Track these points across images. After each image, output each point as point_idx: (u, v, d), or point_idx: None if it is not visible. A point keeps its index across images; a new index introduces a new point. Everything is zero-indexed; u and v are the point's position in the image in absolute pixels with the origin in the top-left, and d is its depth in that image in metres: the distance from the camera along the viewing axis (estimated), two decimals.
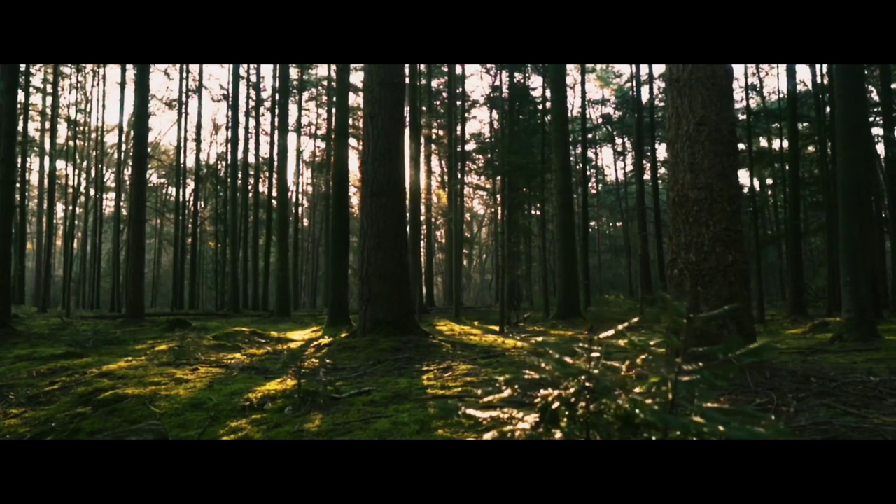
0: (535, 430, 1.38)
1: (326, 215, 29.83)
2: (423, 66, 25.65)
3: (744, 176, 28.37)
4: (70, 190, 29.47)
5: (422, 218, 29.07)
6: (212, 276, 29.97)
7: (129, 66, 23.12)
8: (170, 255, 33.26)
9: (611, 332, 1.54)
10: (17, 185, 25.56)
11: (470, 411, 1.74)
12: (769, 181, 27.71)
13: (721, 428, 1.15)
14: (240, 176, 29.35)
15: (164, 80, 29.37)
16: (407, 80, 24.45)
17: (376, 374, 5.03)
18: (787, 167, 16.86)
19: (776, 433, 1.22)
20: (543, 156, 19.01)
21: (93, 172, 29.44)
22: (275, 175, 25.61)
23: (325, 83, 30.73)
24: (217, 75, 47.45)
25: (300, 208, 38.85)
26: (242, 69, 27.31)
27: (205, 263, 32.27)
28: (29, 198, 34.36)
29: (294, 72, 31.37)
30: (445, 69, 25.31)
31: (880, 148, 18.39)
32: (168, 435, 3.24)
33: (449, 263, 27.11)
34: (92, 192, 29.36)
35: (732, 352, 1.41)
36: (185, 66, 27.29)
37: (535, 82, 24.66)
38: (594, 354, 1.63)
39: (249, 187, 28.87)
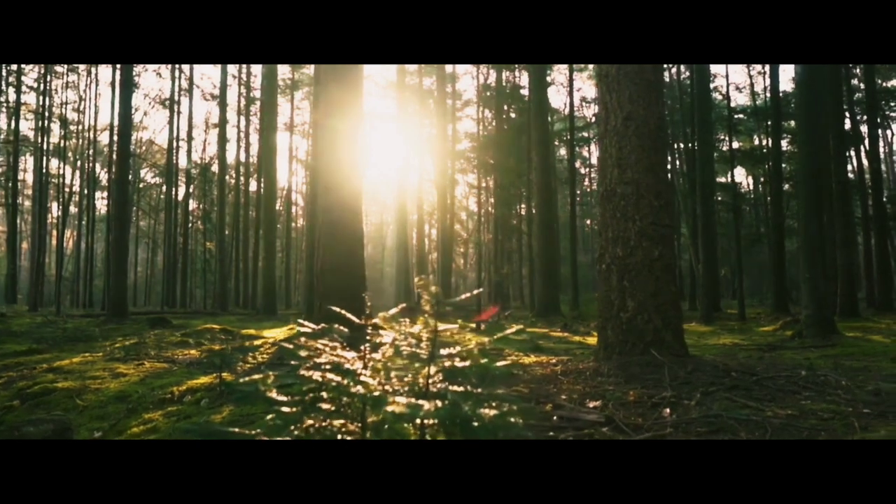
0: (294, 417, 1.42)
1: None
2: (413, 66, 25.67)
3: (735, 174, 28.33)
4: (66, 189, 29.55)
5: (414, 217, 29.11)
6: (202, 274, 30.06)
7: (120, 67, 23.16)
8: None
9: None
10: (10, 183, 25.69)
11: (270, 394, 1.78)
12: (762, 179, 27.68)
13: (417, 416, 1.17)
14: (233, 174, 29.42)
15: (155, 79, 29.34)
16: (395, 79, 24.52)
17: None
18: (772, 165, 16.80)
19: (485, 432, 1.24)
20: (531, 154, 19.00)
21: (87, 171, 29.56)
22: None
23: None
24: (210, 74, 47.40)
25: (296, 207, 38.89)
26: (234, 68, 27.37)
27: (198, 262, 32.35)
28: (24, 196, 34.50)
29: (287, 70, 31.41)
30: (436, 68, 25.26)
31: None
32: (72, 425, 3.28)
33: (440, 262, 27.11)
34: (86, 191, 29.47)
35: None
36: (176, 66, 27.34)
37: (525, 80, 24.64)
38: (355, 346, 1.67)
39: (241, 186, 28.92)
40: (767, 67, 19.22)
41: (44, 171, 27.00)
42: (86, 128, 29.46)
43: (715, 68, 21.13)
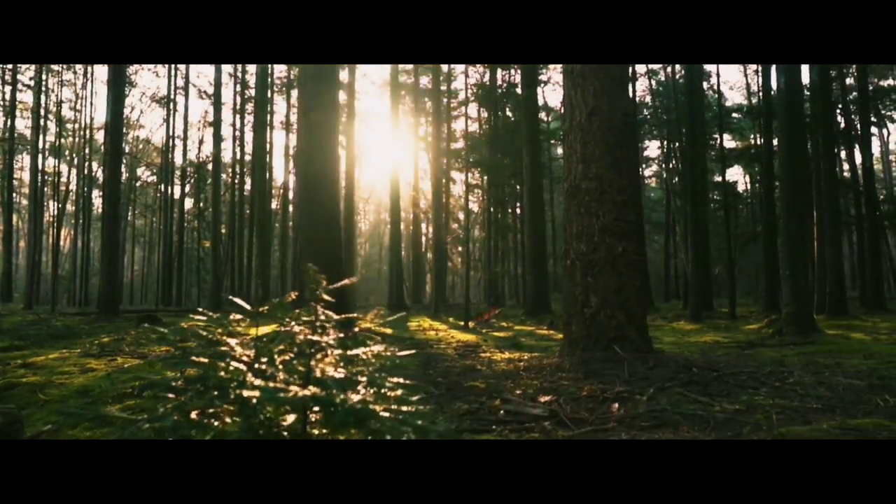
0: (178, 405, 1.44)
1: None
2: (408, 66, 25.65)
3: (731, 174, 28.23)
4: (63, 187, 29.57)
5: (409, 216, 29.11)
6: (198, 272, 30.08)
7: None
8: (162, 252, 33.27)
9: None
10: (6, 181, 25.74)
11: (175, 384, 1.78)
12: (757, 178, 27.60)
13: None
14: (229, 173, 29.43)
15: (152, 77, 29.31)
16: (389, 78, 24.48)
17: None
18: (763, 164, 16.75)
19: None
20: (523, 153, 18.97)
21: (85, 170, 29.58)
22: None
23: None
24: (206, 72, 47.29)
25: (293, 206, 38.87)
26: (229, 67, 27.35)
27: (194, 261, 32.40)
28: (21, 195, 34.54)
29: (283, 69, 31.38)
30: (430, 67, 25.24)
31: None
32: (23, 419, 3.29)
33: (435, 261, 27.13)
34: (83, 189, 29.48)
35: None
36: (172, 65, 27.35)
37: (520, 79, 24.60)
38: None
39: (237, 184, 28.92)
40: (760, 66, 19.17)
41: (40, 169, 27.01)
42: (82, 126, 29.48)
43: (708, 66, 21.08)
